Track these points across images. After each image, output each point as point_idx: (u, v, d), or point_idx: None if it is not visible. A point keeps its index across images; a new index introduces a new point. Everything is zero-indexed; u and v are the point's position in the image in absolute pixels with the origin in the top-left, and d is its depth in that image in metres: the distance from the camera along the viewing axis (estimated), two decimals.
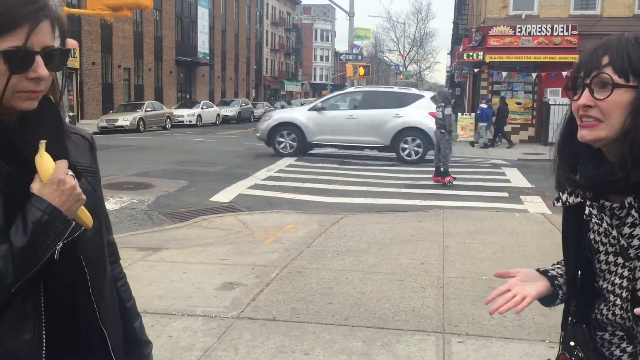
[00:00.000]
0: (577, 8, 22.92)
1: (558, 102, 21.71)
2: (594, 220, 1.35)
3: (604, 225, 1.32)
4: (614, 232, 1.31)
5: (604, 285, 1.39)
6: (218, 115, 37.21)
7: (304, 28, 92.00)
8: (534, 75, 22.69)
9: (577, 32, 21.84)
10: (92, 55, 35.13)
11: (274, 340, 4.03)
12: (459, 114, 25.71)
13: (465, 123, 24.56)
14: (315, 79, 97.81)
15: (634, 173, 1.22)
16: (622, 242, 1.31)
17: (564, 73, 21.78)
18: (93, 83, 35.48)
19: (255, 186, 11.68)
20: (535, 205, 9.92)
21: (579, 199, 1.37)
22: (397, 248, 6.60)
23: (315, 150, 17.77)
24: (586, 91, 1.25)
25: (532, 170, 14.70)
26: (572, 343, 1.41)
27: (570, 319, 1.46)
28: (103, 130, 25.67)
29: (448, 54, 56.50)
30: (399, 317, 4.46)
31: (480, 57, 23.16)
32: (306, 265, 5.86)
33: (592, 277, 1.42)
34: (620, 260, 1.33)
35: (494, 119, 21.62)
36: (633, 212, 1.28)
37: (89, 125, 25.16)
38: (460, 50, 27.23)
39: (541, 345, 3.99)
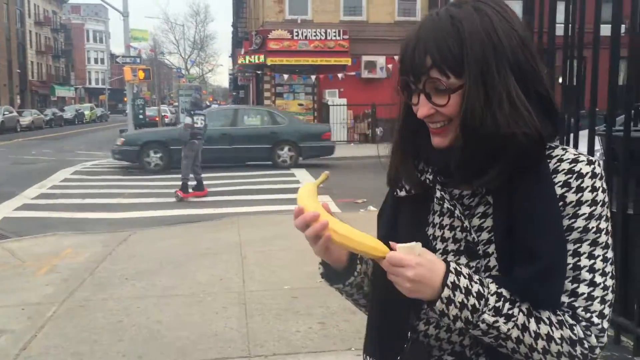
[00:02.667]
0: (347, 14, 24.43)
1: (336, 103, 22.97)
2: (445, 205, 1.14)
3: (457, 213, 1.12)
4: (466, 222, 1.11)
5: None
6: None
7: (73, 28, 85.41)
8: (313, 77, 23.68)
9: (348, 37, 23.27)
10: None
11: None
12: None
13: None
14: (90, 83, 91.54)
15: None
16: (472, 234, 1.11)
17: (340, 75, 23.15)
18: None
19: (25, 207, 10.29)
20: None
21: (427, 184, 1.18)
22: (193, 264, 6.17)
23: (95, 161, 16.38)
24: (422, 99, 1.09)
25: (319, 169, 15.21)
26: None
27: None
28: None
29: (230, 56, 56.80)
30: (200, 345, 4.07)
31: (262, 60, 23.50)
32: (90, 296, 5.16)
33: None
34: (462, 261, 1.12)
35: None
36: (489, 198, 1.10)
37: None
38: (242, 53, 27.36)
39: (348, 354, 3.91)
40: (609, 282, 1.05)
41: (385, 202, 1.30)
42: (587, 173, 1.06)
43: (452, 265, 1.05)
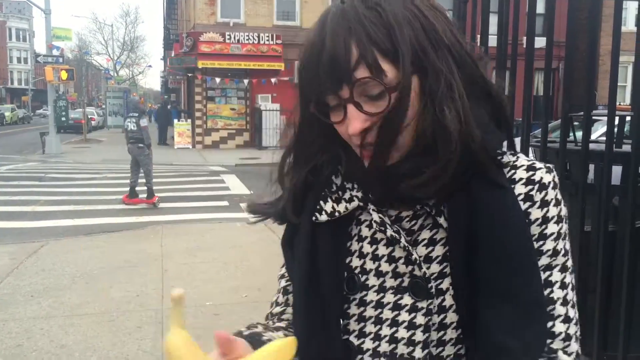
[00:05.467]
0: (280, 19, 24.19)
1: (269, 108, 22.67)
2: (388, 232, 0.87)
3: (402, 241, 0.86)
4: (414, 254, 0.85)
5: (366, 346, 0.89)
6: None
7: None
8: (245, 81, 23.30)
9: (281, 42, 23.03)
10: None
11: None
12: (175, 121, 25.23)
13: (182, 129, 24.16)
14: (12, 83, 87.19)
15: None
16: (423, 269, 0.85)
17: (273, 80, 22.89)
18: None
19: None
20: None
21: (354, 204, 0.89)
22: (108, 279, 5.73)
23: (11, 166, 15.40)
24: (352, 110, 0.81)
25: (250, 175, 14.87)
26: None
27: None
28: None
29: (161, 59, 55.46)
30: None
31: (193, 63, 22.92)
32: None
33: (334, 331, 0.90)
34: (406, 301, 0.86)
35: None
36: (440, 220, 0.84)
37: None
38: (173, 55, 26.63)
39: None
40: (577, 314, 0.86)
41: (290, 229, 0.98)
42: (549, 183, 0.84)
43: None
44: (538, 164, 0.86)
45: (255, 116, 23.27)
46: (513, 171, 0.85)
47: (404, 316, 0.86)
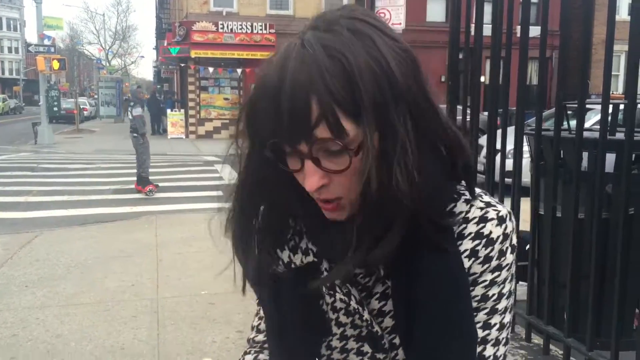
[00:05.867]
0: (273, 8, 24.08)
1: None
2: (338, 296, 0.88)
3: (352, 303, 0.87)
4: (366, 315, 0.87)
5: None
6: None
7: None
8: (239, 71, 23.21)
9: (274, 31, 22.93)
10: None
11: None
12: (169, 110, 25.14)
13: (175, 119, 24.09)
14: (4, 73, 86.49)
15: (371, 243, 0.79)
16: (375, 327, 0.87)
17: None
18: None
19: None
20: None
21: (309, 258, 0.90)
22: (103, 269, 5.72)
23: (3, 156, 15.32)
24: (310, 166, 0.77)
25: None
26: None
27: None
28: None
29: (153, 48, 55.10)
30: None
31: (186, 52, 22.80)
32: None
33: None
34: (367, 349, 0.90)
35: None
36: (386, 279, 0.86)
37: None
38: (165, 44, 26.47)
39: None
40: (501, 350, 0.86)
41: (258, 269, 0.94)
42: (497, 238, 0.83)
43: None
44: (491, 213, 0.84)
45: None
46: (464, 225, 0.84)
47: None
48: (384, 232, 0.78)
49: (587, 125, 4.16)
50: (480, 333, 0.84)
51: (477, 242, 0.83)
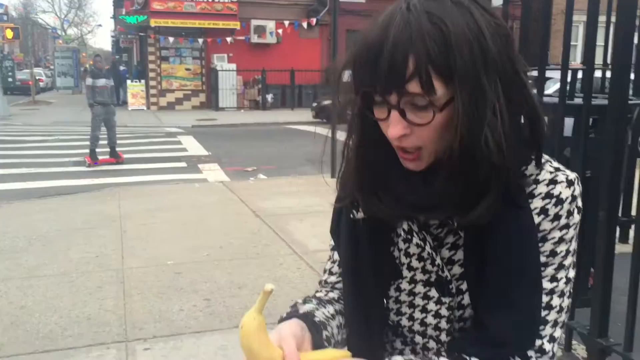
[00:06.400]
0: None
1: (225, 68, 22.30)
2: (414, 240, 0.97)
3: (427, 248, 0.96)
4: (438, 260, 0.96)
5: (403, 322, 1.03)
6: None
7: None
8: (200, 41, 22.78)
9: (236, 0, 22.52)
10: None
11: None
12: (129, 82, 24.58)
13: (136, 90, 23.59)
14: None
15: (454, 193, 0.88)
16: (445, 272, 0.96)
17: (228, 39, 22.46)
18: None
19: None
20: (214, 173, 9.82)
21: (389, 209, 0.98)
22: (65, 241, 5.64)
23: None
24: (395, 115, 0.86)
25: (207, 136, 14.72)
26: None
27: None
28: None
29: (111, 17, 53.46)
30: (70, 331, 3.68)
31: (145, 21, 22.23)
32: None
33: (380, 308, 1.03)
34: (433, 294, 0.98)
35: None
36: (460, 231, 0.94)
37: None
38: (123, 13, 25.75)
39: (235, 332, 3.69)
40: (566, 302, 0.95)
41: (335, 219, 1.10)
42: (566, 198, 0.92)
43: None
44: (560, 176, 0.93)
45: (211, 77, 22.86)
46: (534, 186, 0.92)
47: (432, 306, 0.99)
48: (475, 193, 0.86)
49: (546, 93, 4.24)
50: (549, 285, 0.93)
51: (547, 201, 0.92)
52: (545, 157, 0.96)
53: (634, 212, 3.93)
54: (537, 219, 0.91)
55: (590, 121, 2.84)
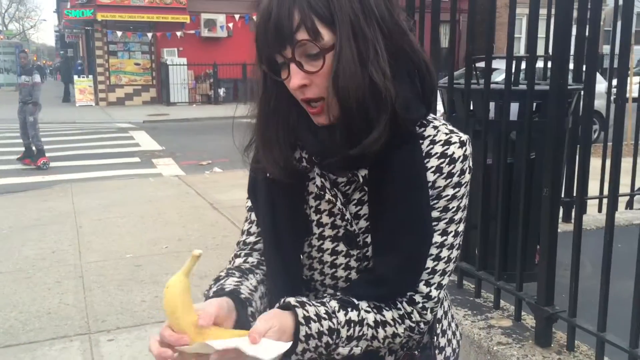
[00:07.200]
0: None
1: (175, 63, 22.01)
2: (327, 196, 1.04)
3: (338, 204, 1.04)
4: (347, 214, 1.04)
5: (315, 277, 1.12)
6: None
7: None
8: (149, 35, 22.41)
9: None
10: None
11: None
12: (75, 77, 23.98)
13: (83, 86, 23.04)
14: None
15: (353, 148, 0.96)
16: (353, 226, 1.04)
17: (178, 33, 22.16)
18: None
19: None
20: (169, 167, 9.76)
21: (302, 165, 1.06)
22: (19, 237, 5.55)
23: None
24: (294, 68, 0.95)
25: (160, 131, 14.56)
26: None
27: None
28: None
29: (55, 11, 51.86)
30: (31, 325, 3.67)
31: (91, 15, 21.71)
32: None
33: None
34: (342, 248, 1.07)
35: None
36: (365, 186, 1.02)
37: None
38: (68, 7, 25.05)
39: None
40: (454, 253, 1.05)
41: (252, 180, 1.17)
42: (459, 157, 1.01)
43: (300, 314, 0.95)
44: (454, 137, 1.02)
45: (161, 71, 22.53)
46: (431, 146, 1.01)
47: (341, 259, 1.07)
48: (367, 133, 0.94)
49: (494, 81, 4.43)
50: (439, 238, 1.03)
51: (442, 160, 1.01)
52: (441, 120, 1.06)
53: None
54: (432, 177, 1.00)
55: (534, 106, 3.01)
